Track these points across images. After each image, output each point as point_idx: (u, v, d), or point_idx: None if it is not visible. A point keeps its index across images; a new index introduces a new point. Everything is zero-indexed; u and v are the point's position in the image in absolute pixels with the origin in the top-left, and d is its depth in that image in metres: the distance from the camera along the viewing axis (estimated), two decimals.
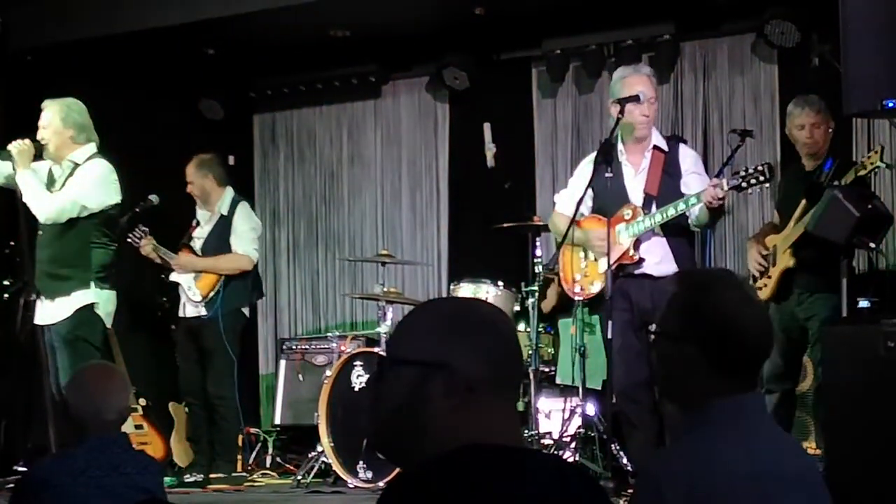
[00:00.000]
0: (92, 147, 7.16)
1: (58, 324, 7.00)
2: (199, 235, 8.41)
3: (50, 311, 7.04)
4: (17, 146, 6.97)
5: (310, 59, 9.70)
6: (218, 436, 8.35)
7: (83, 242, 7.04)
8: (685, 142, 7.39)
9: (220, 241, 8.34)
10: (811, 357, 7.08)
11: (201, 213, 8.46)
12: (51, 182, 7.13)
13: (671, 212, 6.35)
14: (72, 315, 6.99)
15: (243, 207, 8.48)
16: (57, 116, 7.11)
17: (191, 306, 8.29)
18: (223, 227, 8.37)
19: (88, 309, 7.04)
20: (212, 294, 8.20)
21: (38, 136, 7.09)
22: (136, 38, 8.89)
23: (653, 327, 2.80)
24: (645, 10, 8.56)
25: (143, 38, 8.89)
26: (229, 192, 8.47)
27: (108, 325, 7.25)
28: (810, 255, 6.88)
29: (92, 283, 7.05)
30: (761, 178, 6.16)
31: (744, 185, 6.19)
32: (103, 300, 7.12)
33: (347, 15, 8.80)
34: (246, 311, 8.57)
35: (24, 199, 6.96)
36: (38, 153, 7.08)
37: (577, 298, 6.96)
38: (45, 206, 6.96)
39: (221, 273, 8.25)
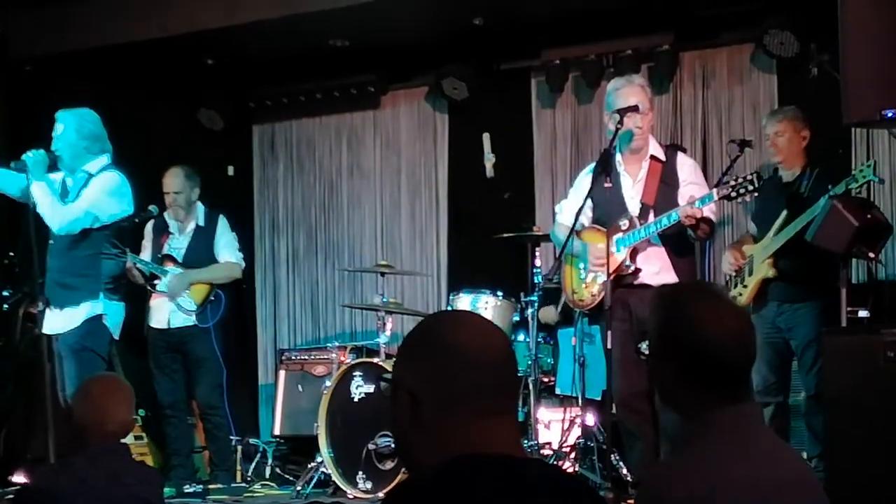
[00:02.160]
0: (106, 158, 7.21)
1: (66, 333, 7.03)
2: (177, 246, 8.37)
3: (59, 321, 7.05)
4: (32, 156, 6.98)
5: (309, 69, 9.70)
6: (213, 446, 8.34)
7: (94, 253, 7.08)
8: (684, 150, 7.38)
9: (202, 251, 8.35)
10: (800, 367, 7.08)
11: (173, 225, 8.43)
12: (64, 193, 7.16)
13: (662, 223, 6.37)
14: (80, 325, 7.01)
15: (224, 219, 8.54)
16: (71, 127, 7.14)
17: (180, 316, 8.21)
18: (203, 237, 8.38)
19: (96, 320, 7.07)
20: (206, 303, 8.19)
21: (53, 147, 7.11)
22: (136, 49, 8.90)
23: (644, 346, 2.82)
24: (644, 20, 8.56)
25: (143, 49, 8.90)
26: (200, 205, 8.49)
27: (116, 337, 7.27)
28: (792, 265, 6.91)
29: (101, 295, 7.08)
30: (749, 188, 6.17)
31: (733, 194, 6.21)
32: (112, 312, 7.16)
33: (347, 25, 8.80)
34: None
35: (39, 210, 6.98)
36: (53, 163, 7.10)
37: (576, 310, 6.98)
38: (59, 216, 6.99)
39: (217, 282, 8.26)
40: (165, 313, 8.25)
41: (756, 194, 6.28)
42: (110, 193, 7.13)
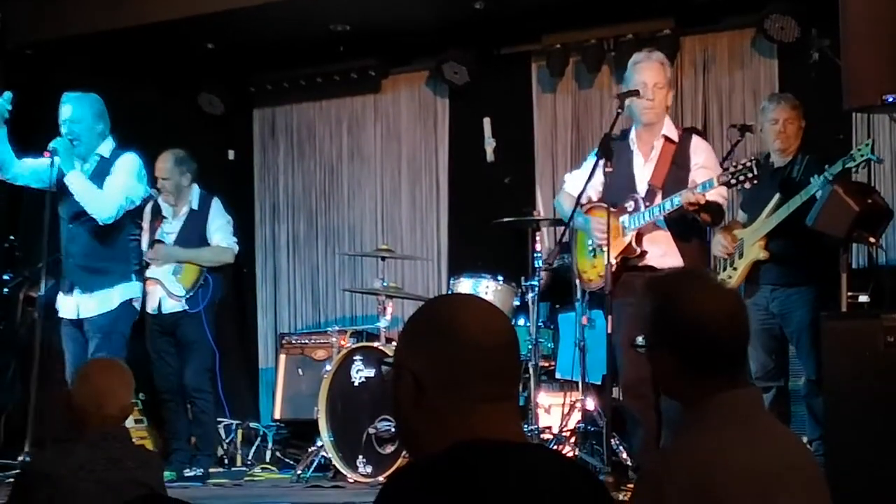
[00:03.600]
0: (111, 140, 7.20)
1: (98, 316, 7.00)
2: (169, 230, 8.31)
3: (90, 304, 7.04)
4: (61, 143, 6.93)
5: (310, 53, 9.69)
6: (198, 430, 8.30)
7: (123, 235, 7.08)
8: (701, 134, 7.21)
9: (194, 235, 8.32)
10: (797, 352, 7.07)
11: (166, 209, 8.41)
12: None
13: (665, 207, 6.32)
14: (116, 308, 7.01)
15: (218, 202, 8.47)
16: (88, 111, 7.10)
17: (171, 301, 8.20)
18: (196, 221, 8.34)
19: (129, 302, 7.09)
20: (196, 287, 8.18)
21: (67, 131, 7.06)
22: (136, 33, 8.88)
23: (639, 340, 2.82)
24: (645, 4, 8.55)
25: (143, 33, 8.88)
26: (196, 188, 8.45)
27: (137, 318, 7.30)
28: (784, 247, 6.90)
29: (133, 276, 7.09)
30: (749, 175, 6.12)
31: (732, 181, 6.15)
32: (142, 293, 7.20)
33: (347, 9, 8.79)
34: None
35: (79, 199, 6.95)
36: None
37: (585, 289, 6.95)
38: (104, 205, 6.98)
39: (205, 265, 8.24)
40: (156, 299, 8.23)
41: (756, 182, 6.24)
42: (137, 175, 7.15)
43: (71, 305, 7.08)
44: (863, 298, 6.41)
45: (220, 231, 8.39)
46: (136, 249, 7.25)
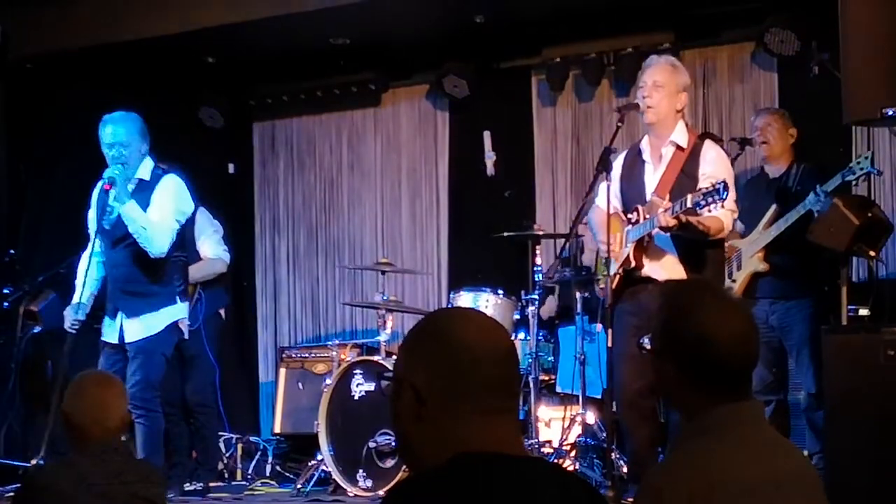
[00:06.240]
0: (149, 159, 7.01)
1: (142, 339, 6.92)
2: None
3: (134, 329, 6.89)
4: (119, 173, 6.75)
5: (310, 67, 9.71)
6: (200, 444, 8.30)
7: (166, 257, 6.91)
8: (717, 139, 6.73)
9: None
10: (797, 366, 7.06)
11: None
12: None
13: (647, 227, 6.08)
14: (162, 331, 6.90)
15: (203, 211, 8.41)
16: (135, 133, 6.91)
17: None
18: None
19: (175, 324, 6.99)
20: (193, 304, 8.16)
21: (116, 155, 6.83)
22: (136, 47, 8.90)
23: (645, 341, 2.81)
24: (645, 18, 8.56)
25: (143, 47, 8.90)
26: None
27: (186, 337, 7.21)
28: (783, 260, 6.89)
29: (177, 298, 6.99)
30: (715, 196, 5.84)
31: (702, 203, 5.88)
32: (187, 313, 7.09)
33: (347, 23, 8.80)
34: (222, 312, 8.58)
35: (134, 232, 6.75)
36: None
37: (599, 297, 6.91)
38: (158, 240, 6.80)
39: (198, 281, 8.21)
40: None
41: (724, 201, 5.93)
42: (183, 197, 6.97)
43: (114, 330, 6.95)
44: (863, 312, 6.41)
45: (209, 241, 8.36)
46: (182, 269, 7.11)
